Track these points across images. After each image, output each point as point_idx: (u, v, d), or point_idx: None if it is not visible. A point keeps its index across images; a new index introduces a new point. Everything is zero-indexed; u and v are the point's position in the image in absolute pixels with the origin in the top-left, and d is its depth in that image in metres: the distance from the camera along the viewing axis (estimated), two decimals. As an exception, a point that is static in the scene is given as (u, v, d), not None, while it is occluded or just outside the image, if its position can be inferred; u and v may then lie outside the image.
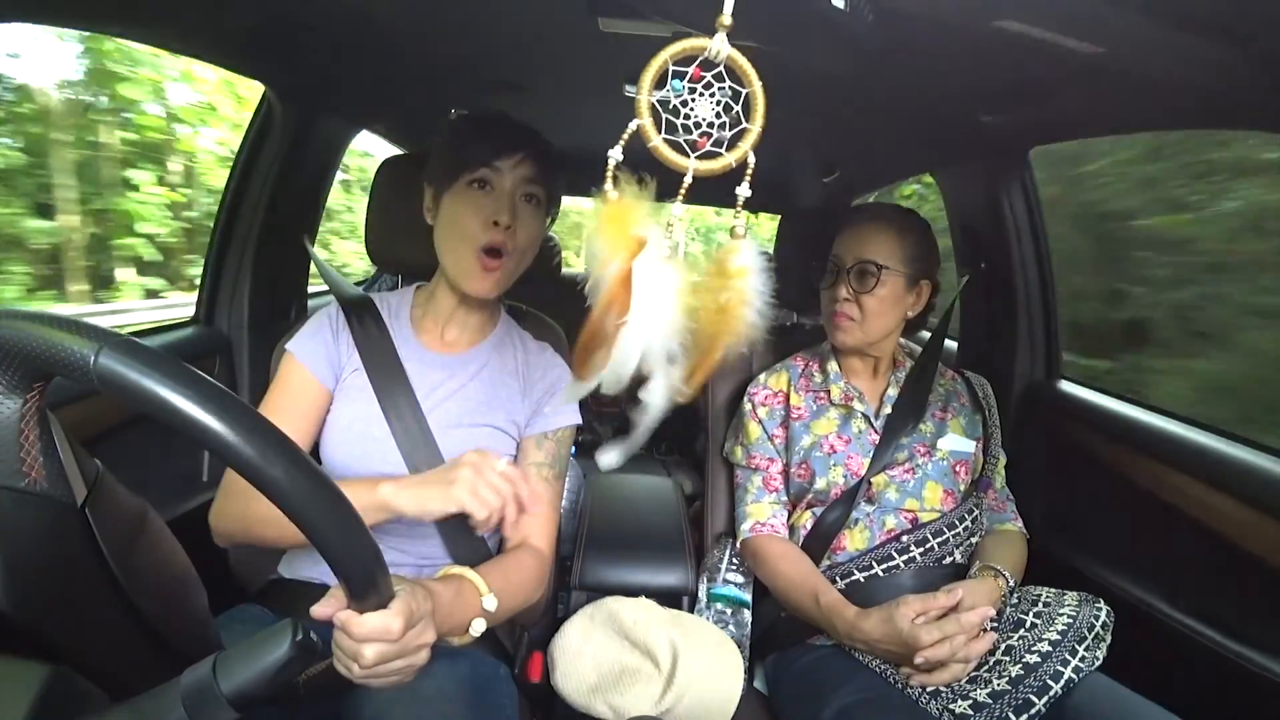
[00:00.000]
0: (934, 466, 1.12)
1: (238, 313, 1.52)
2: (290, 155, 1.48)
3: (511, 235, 0.89)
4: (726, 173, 0.54)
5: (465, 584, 0.77)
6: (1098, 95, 0.96)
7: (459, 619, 0.74)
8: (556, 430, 0.98)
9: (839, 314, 1.12)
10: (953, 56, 0.92)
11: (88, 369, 0.38)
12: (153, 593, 0.48)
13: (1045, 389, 1.47)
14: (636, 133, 0.53)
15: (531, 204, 0.92)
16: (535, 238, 0.93)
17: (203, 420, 0.39)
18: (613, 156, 0.53)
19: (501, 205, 0.88)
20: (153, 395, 0.38)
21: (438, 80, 1.41)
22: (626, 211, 0.53)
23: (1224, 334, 2.11)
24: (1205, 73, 0.75)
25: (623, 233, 0.52)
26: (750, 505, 1.16)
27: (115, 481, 0.49)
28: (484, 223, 0.88)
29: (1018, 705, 0.87)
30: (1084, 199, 2.53)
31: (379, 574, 0.50)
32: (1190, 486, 1.09)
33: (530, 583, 0.90)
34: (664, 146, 0.53)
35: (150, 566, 0.50)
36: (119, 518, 0.48)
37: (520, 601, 0.87)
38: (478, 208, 0.88)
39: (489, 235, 0.88)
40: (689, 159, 0.53)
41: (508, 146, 0.89)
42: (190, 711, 0.40)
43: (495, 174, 0.89)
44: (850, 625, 0.97)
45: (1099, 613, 0.99)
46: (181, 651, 0.50)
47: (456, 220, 0.90)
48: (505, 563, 0.88)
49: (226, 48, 1.21)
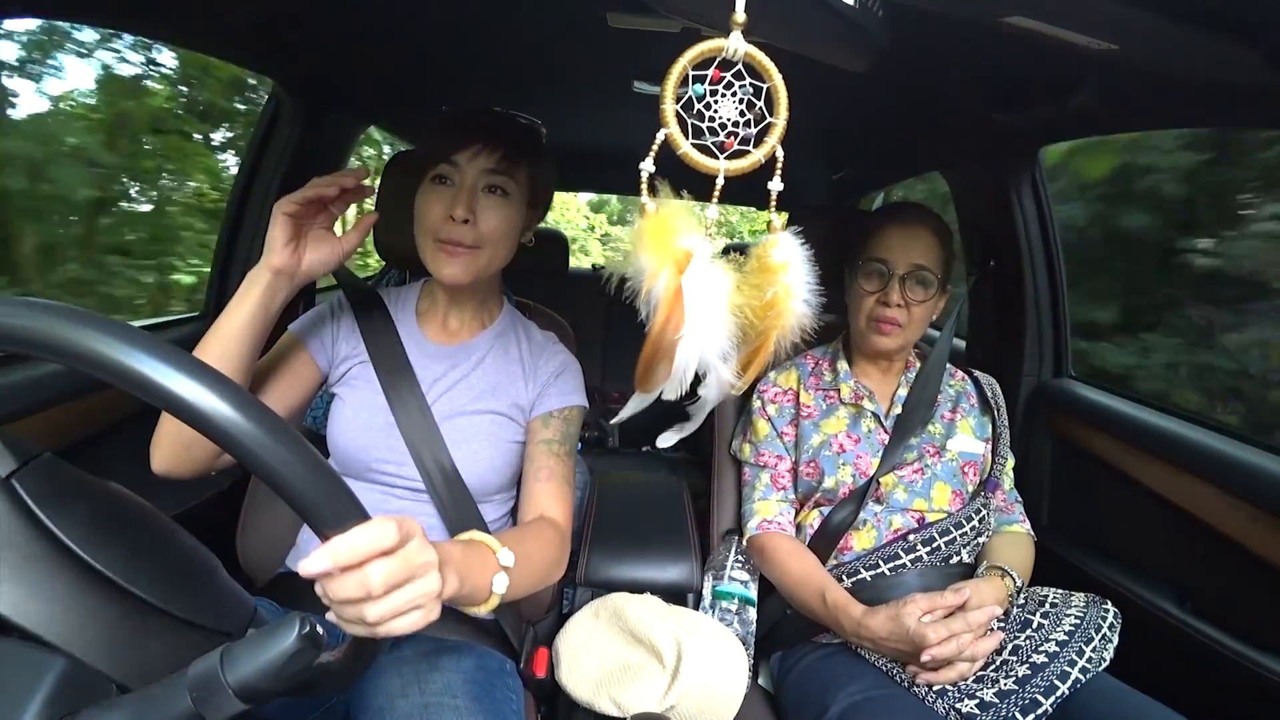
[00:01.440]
0: (943, 467, 1.11)
1: None
2: (299, 149, 1.49)
3: (471, 228, 0.88)
4: (756, 170, 0.54)
5: (474, 543, 0.73)
6: (1110, 92, 0.96)
7: (478, 576, 0.69)
8: (563, 409, 0.98)
9: (886, 320, 1.09)
10: (962, 53, 0.92)
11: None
12: (156, 577, 0.48)
13: (1054, 389, 1.46)
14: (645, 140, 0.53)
15: (496, 195, 0.90)
16: (505, 228, 0.91)
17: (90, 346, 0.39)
18: (645, 169, 0.53)
19: (459, 199, 0.88)
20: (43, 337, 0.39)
21: (445, 76, 1.41)
22: (668, 223, 0.53)
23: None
24: (1219, 69, 0.75)
25: (668, 245, 0.53)
26: (758, 503, 1.15)
27: (72, 467, 0.50)
28: (442, 217, 0.88)
29: (1024, 705, 0.87)
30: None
31: (344, 494, 0.47)
32: (1199, 488, 1.09)
33: (549, 551, 0.86)
34: (693, 152, 0.53)
35: (141, 551, 0.49)
36: (71, 495, 0.48)
37: (540, 570, 0.84)
38: (438, 203, 0.89)
39: (446, 229, 0.88)
40: (719, 160, 0.53)
41: (465, 139, 0.88)
42: (197, 703, 0.41)
43: (454, 169, 0.89)
44: (857, 623, 0.97)
45: (1106, 613, 0.99)
46: (215, 628, 0.50)
47: (420, 216, 0.90)
48: (518, 531, 0.87)
49: (235, 43, 1.22)
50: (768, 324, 0.57)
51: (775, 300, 0.56)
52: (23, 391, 0.98)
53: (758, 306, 0.56)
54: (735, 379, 0.59)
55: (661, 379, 0.56)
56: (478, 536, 0.74)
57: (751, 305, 0.56)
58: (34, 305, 0.41)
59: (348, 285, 1.01)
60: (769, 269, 0.56)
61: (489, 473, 0.95)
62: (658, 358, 0.55)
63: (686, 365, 0.54)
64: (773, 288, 0.56)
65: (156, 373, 0.39)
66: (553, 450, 0.96)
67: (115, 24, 1.10)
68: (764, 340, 0.58)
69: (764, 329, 0.57)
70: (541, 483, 0.93)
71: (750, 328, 0.57)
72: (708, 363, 0.56)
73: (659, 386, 0.58)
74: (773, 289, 0.56)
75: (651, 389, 0.59)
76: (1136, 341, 2.29)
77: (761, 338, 0.58)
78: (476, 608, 0.71)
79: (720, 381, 0.58)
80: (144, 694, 0.42)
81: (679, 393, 0.57)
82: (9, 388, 0.97)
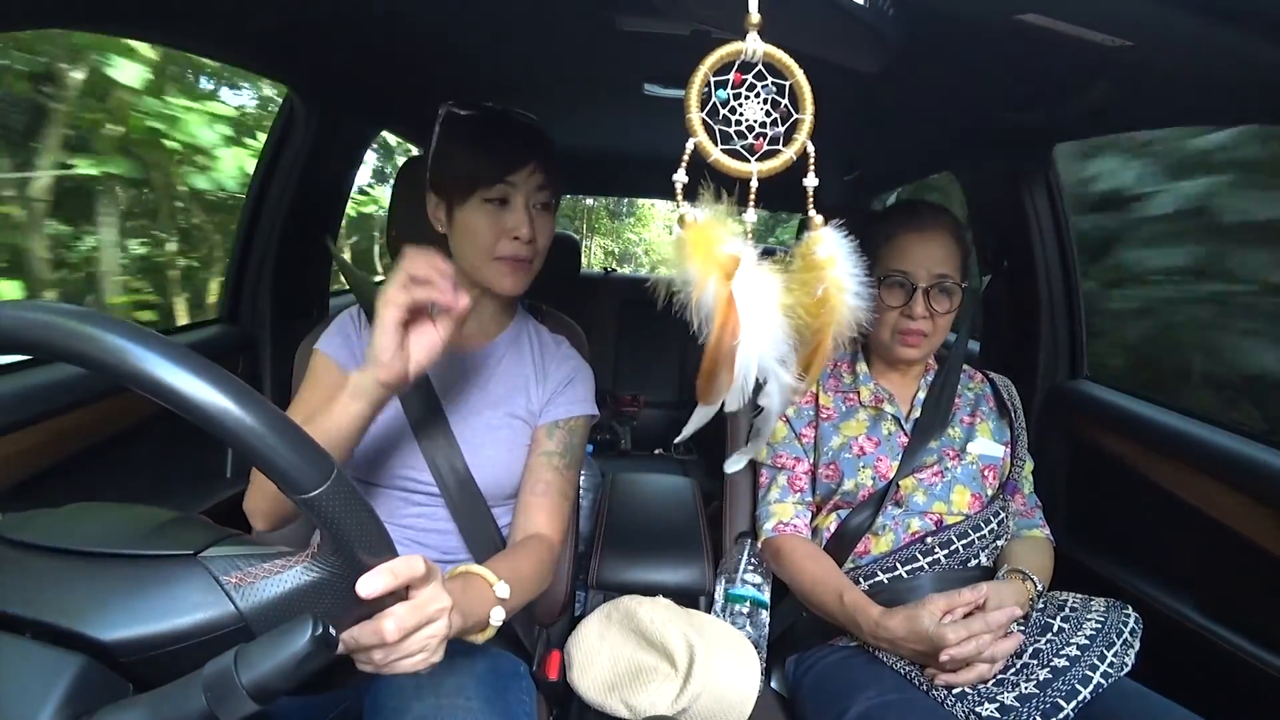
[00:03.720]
0: (963, 470, 1.10)
1: (261, 311, 1.54)
2: (312, 155, 1.50)
3: (532, 245, 0.90)
4: (789, 169, 0.54)
5: (472, 577, 0.76)
6: (1125, 90, 0.95)
7: (477, 611, 0.73)
8: (569, 419, 0.98)
9: (913, 332, 1.08)
10: (975, 52, 0.91)
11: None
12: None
13: (1069, 390, 1.44)
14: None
15: (545, 211, 0.92)
16: (552, 236, 0.95)
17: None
18: (678, 180, 0.53)
19: (520, 219, 0.88)
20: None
21: (458, 81, 1.42)
22: (710, 230, 0.53)
23: None
24: (1235, 67, 0.74)
25: (712, 253, 0.52)
26: (774, 505, 1.15)
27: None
28: (504, 236, 0.89)
29: (1045, 709, 0.85)
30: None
31: (313, 448, 0.46)
32: (1218, 491, 1.07)
33: (543, 571, 0.89)
34: (724, 158, 0.53)
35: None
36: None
37: (534, 590, 0.86)
38: (496, 223, 0.89)
39: (512, 248, 0.89)
40: (750, 164, 0.53)
41: (520, 159, 0.89)
42: (211, 702, 0.41)
43: (511, 189, 0.89)
44: (875, 624, 0.96)
45: (1127, 618, 0.97)
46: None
47: (475, 237, 0.90)
48: (512, 553, 0.88)
49: (249, 49, 1.23)
50: (822, 321, 0.56)
51: (827, 296, 0.56)
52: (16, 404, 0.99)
53: (810, 304, 0.56)
54: (797, 382, 0.58)
55: (723, 389, 0.55)
56: (475, 570, 0.77)
57: (803, 304, 0.55)
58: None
59: (361, 293, 1.02)
60: (815, 265, 0.56)
61: (505, 477, 0.95)
62: (718, 366, 0.54)
63: (748, 371, 0.54)
64: (822, 284, 0.56)
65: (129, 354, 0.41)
66: (553, 464, 0.96)
67: (130, 33, 1.12)
68: (821, 338, 0.58)
69: (819, 327, 0.56)
70: (538, 497, 0.94)
71: (805, 327, 0.56)
72: (767, 368, 0.55)
73: (721, 397, 0.57)
74: (822, 285, 0.56)
75: (714, 400, 0.58)
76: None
77: (818, 336, 0.57)
78: (472, 637, 0.74)
79: (782, 386, 0.57)
80: (159, 693, 0.42)
81: (742, 401, 0.56)
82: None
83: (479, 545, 0.94)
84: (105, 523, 0.54)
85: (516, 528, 0.94)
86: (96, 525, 0.53)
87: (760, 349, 0.53)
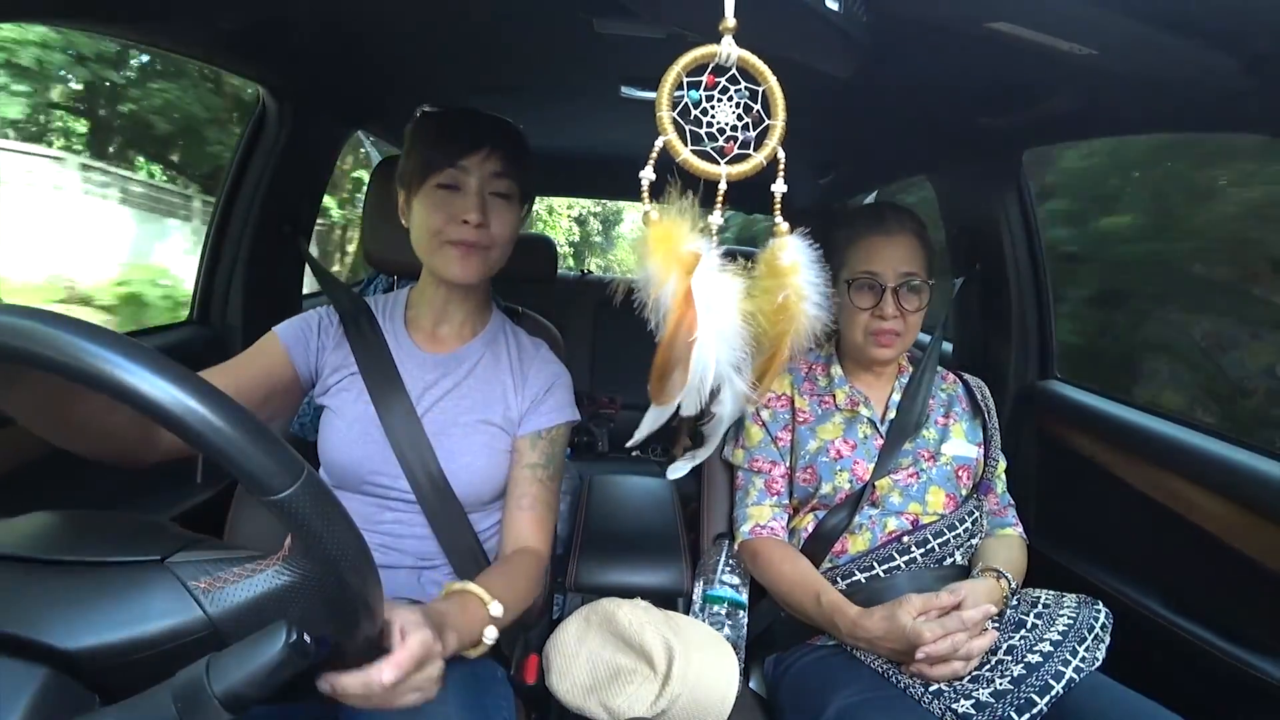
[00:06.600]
0: (937, 471, 1.12)
1: (233, 312, 1.51)
2: (284, 155, 1.48)
3: (485, 232, 0.89)
4: (760, 173, 0.54)
5: (469, 597, 0.77)
6: (1091, 97, 0.97)
7: (473, 631, 0.75)
8: (550, 429, 0.98)
9: (884, 332, 1.09)
10: (947, 59, 0.93)
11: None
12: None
13: (1040, 390, 1.47)
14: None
15: (501, 199, 0.91)
16: (511, 231, 0.93)
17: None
18: (644, 177, 0.53)
19: (470, 204, 0.88)
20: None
21: (432, 81, 1.41)
22: (674, 229, 0.53)
23: None
24: (1197, 75, 0.76)
25: (674, 251, 0.52)
26: (751, 508, 1.15)
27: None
28: (449, 220, 0.88)
29: (1020, 704, 0.87)
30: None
31: (281, 449, 0.44)
32: (1185, 488, 1.10)
33: (534, 586, 0.90)
34: (693, 158, 0.53)
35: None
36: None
37: (525, 605, 0.87)
38: (445, 207, 0.88)
39: (459, 233, 0.88)
40: (720, 166, 0.53)
41: (472, 144, 0.88)
42: (182, 712, 0.40)
43: (462, 174, 0.88)
44: (852, 624, 0.97)
45: (1098, 614, 0.99)
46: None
47: (423, 222, 0.89)
48: (507, 569, 0.89)
49: (221, 47, 1.21)
50: (780, 329, 0.56)
51: (787, 304, 0.56)
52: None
53: (769, 311, 0.56)
54: (751, 390, 0.58)
55: (677, 388, 0.55)
56: (471, 589, 0.78)
57: (763, 311, 0.55)
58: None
59: (334, 295, 1.00)
60: (779, 272, 0.56)
61: (481, 484, 0.94)
62: (671, 363, 0.54)
63: (704, 372, 0.53)
64: (783, 291, 0.55)
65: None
66: (537, 476, 0.96)
67: (102, 29, 1.09)
68: (778, 347, 0.57)
69: (777, 335, 0.56)
70: (525, 510, 0.94)
71: (763, 335, 0.56)
72: (722, 374, 0.54)
73: (675, 397, 0.56)
74: (784, 293, 0.55)
75: (668, 400, 0.57)
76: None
77: (775, 344, 0.57)
78: (464, 652, 0.75)
79: (736, 394, 0.57)
80: (127, 705, 0.41)
81: (699, 404, 0.56)
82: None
83: (456, 552, 0.93)
84: (67, 530, 0.52)
85: (505, 541, 0.94)
86: (58, 532, 0.51)
87: (717, 351, 0.53)
